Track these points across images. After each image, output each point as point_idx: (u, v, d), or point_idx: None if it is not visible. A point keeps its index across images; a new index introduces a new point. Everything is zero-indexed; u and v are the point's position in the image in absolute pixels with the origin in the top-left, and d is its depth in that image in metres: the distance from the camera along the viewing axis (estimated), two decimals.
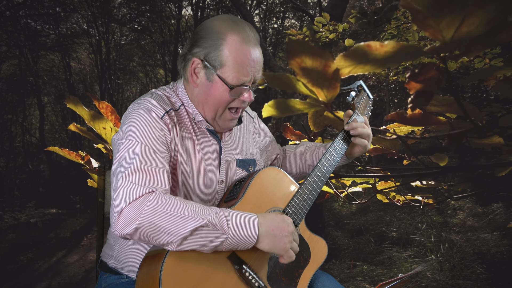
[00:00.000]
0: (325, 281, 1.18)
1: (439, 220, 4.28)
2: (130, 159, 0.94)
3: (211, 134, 1.13)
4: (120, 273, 1.14)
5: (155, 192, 0.90)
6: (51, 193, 11.79)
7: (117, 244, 1.15)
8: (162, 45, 12.16)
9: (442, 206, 4.73)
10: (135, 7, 10.00)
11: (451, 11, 0.92)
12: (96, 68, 11.94)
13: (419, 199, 1.76)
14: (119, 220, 0.87)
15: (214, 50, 1.04)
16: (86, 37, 10.86)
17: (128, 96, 15.34)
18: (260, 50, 1.08)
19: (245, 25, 1.07)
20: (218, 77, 1.04)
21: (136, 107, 1.05)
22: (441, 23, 0.94)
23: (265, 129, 1.38)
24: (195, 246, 0.89)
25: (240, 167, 1.19)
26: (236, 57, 1.03)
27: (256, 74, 1.07)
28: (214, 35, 1.04)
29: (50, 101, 13.27)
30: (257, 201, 1.05)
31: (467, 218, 4.27)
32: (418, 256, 3.37)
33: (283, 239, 0.95)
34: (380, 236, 4.16)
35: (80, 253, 6.87)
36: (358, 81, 1.27)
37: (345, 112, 1.25)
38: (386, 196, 1.72)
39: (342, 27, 2.67)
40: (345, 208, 6.18)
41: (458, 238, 3.61)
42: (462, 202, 4.66)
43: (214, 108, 1.08)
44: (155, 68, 14.54)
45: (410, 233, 3.98)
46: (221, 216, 0.91)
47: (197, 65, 1.06)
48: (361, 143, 1.19)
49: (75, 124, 1.60)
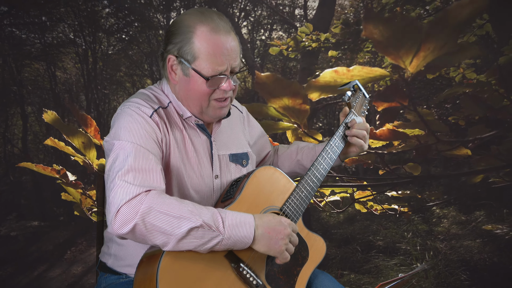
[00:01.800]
0: (324, 280, 1.18)
1: (424, 229, 4.34)
2: (123, 159, 0.94)
3: (200, 130, 1.13)
4: (119, 273, 1.13)
5: (151, 192, 0.90)
6: (33, 205, 11.42)
7: (113, 243, 1.14)
8: (149, 55, 12.15)
9: (427, 215, 4.81)
10: (123, 17, 9.98)
11: (408, 40, 1.01)
12: (82, 77, 11.79)
13: (395, 208, 1.81)
14: (116, 219, 0.87)
15: (185, 44, 1.04)
16: (72, 46, 10.74)
17: (115, 106, 15.15)
18: (233, 37, 1.06)
19: (213, 15, 1.06)
20: (194, 70, 1.03)
21: (124, 108, 1.05)
22: (400, 51, 1.03)
23: (255, 123, 1.37)
24: (191, 247, 0.89)
25: (233, 162, 1.18)
26: (208, 48, 1.02)
27: (233, 62, 1.06)
28: (184, 29, 1.05)
29: (34, 110, 12.96)
30: (254, 200, 1.05)
31: (451, 226, 4.35)
32: (404, 264, 3.41)
33: (278, 241, 0.95)
34: (367, 245, 4.19)
35: (63, 266, 6.65)
36: (354, 80, 1.28)
37: (341, 111, 1.27)
38: (364, 206, 1.76)
39: (325, 36, 2.77)
40: (332, 218, 6.22)
41: (442, 246, 3.67)
42: (446, 210, 4.74)
43: (197, 102, 1.07)
44: (143, 78, 14.46)
45: (396, 242, 4.03)
46: (217, 216, 0.91)
47: (173, 62, 1.06)
48: (357, 143, 1.20)
49: (52, 138, 1.59)
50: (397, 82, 1.41)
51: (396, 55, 0.95)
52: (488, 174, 3.27)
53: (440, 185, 5.88)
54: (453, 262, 3.29)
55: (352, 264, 3.76)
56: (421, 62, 1.00)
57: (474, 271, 3.12)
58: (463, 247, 3.55)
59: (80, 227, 3.76)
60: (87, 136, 1.49)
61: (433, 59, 0.99)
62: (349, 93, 1.24)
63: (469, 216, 4.49)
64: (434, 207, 4.64)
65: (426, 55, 0.98)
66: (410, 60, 0.98)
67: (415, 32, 0.94)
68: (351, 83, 1.28)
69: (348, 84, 1.28)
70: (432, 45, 0.94)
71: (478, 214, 4.41)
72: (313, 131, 1.40)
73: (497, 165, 2.75)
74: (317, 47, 2.98)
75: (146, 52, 12.29)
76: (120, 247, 1.14)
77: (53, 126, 1.50)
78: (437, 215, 4.94)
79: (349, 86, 1.27)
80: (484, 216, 4.32)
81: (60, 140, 1.73)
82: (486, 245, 3.52)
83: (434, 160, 5.83)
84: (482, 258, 3.30)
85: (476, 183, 2.03)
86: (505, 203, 3.96)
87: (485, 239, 3.66)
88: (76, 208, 1.34)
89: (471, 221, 4.33)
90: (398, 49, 0.92)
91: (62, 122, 1.47)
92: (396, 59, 0.96)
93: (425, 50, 0.95)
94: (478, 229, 4.03)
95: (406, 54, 0.95)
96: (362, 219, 5.57)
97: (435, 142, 1.30)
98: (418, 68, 1.04)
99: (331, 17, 4.41)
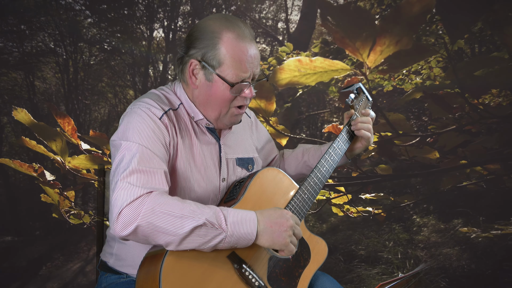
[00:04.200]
0: (326, 282, 1.18)
1: (405, 238, 4.41)
2: (128, 160, 0.94)
3: (210, 133, 1.13)
4: (120, 272, 1.12)
5: (153, 193, 0.90)
6: (7, 220, 10.97)
7: (116, 242, 1.13)
8: (132, 66, 12.06)
9: (407, 224, 4.90)
10: (105, 27, 9.90)
11: (363, 31, 1.06)
12: (62, 87, 11.56)
13: (369, 210, 1.85)
14: (118, 221, 0.87)
15: (211, 49, 1.05)
16: (52, 56, 10.55)
17: (96, 117, 14.89)
18: (256, 45, 1.09)
19: (239, 22, 1.08)
20: (218, 76, 1.04)
21: (134, 107, 1.05)
22: (356, 43, 1.08)
23: (263, 129, 1.39)
24: (194, 246, 0.89)
25: (240, 166, 1.19)
26: (234, 54, 1.04)
27: (255, 70, 1.08)
28: (209, 35, 1.05)
29: (10, 121, 12.58)
30: (257, 202, 1.05)
31: (431, 235, 4.44)
32: (386, 273, 3.44)
33: (282, 234, 0.95)
34: (350, 255, 4.22)
35: (37, 283, 6.37)
36: (357, 83, 1.30)
37: (346, 112, 1.28)
38: (341, 209, 1.80)
39: (305, 55, 2.87)
40: (316, 228, 6.24)
41: (423, 254, 3.74)
42: (426, 219, 4.85)
43: (217, 107, 1.08)
44: (125, 89, 14.30)
45: (378, 251, 4.07)
46: (219, 214, 0.91)
47: (195, 67, 1.07)
48: (365, 135, 1.21)
49: (24, 137, 1.55)
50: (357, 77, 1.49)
51: (353, 48, 1.01)
52: (456, 174, 3.41)
53: (420, 194, 6.02)
54: (433, 269, 3.34)
55: (335, 274, 3.76)
56: (379, 57, 1.07)
57: (453, 278, 3.18)
58: (442, 255, 3.62)
59: (58, 241, 3.58)
60: (60, 134, 1.47)
61: (390, 55, 1.06)
62: (352, 96, 1.26)
63: (448, 224, 4.60)
64: (415, 216, 4.74)
65: (382, 49, 1.05)
66: (367, 53, 1.05)
67: (370, 25, 1.00)
68: (354, 86, 1.31)
69: (351, 87, 1.31)
70: (387, 40, 1.01)
71: (456, 222, 4.52)
72: (281, 127, 1.44)
73: (462, 165, 2.90)
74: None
75: (129, 63, 12.21)
76: (123, 246, 1.13)
77: (24, 124, 1.47)
78: (418, 224, 5.03)
79: (352, 89, 1.30)
80: (461, 224, 4.44)
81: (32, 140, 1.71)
82: (464, 252, 3.61)
83: (407, 166, 6.03)
84: (461, 265, 3.37)
85: (449, 188, 2.14)
86: (480, 210, 4.08)
87: (463, 246, 3.75)
88: (54, 211, 1.32)
89: (449, 229, 4.44)
90: (355, 40, 0.98)
91: (34, 121, 1.44)
92: (354, 51, 1.03)
93: (381, 45, 1.03)
94: (456, 236, 4.13)
95: (362, 46, 1.03)
96: (344, 229, 5.61)
97: (395, 136, 1.37)
98: (376, 62, 1.11)
99: (312, 30, 4.53)
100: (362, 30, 1.03)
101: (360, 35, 1.03)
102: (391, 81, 2.66)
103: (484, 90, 2.89)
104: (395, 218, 4.30)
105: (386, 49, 1.01)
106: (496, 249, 3.42)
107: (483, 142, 3.33)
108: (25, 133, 10.82)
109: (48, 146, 1.53)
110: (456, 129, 3.03)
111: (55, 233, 9.00)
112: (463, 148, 3.27)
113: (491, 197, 4.03)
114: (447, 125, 3.06)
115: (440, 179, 3.78)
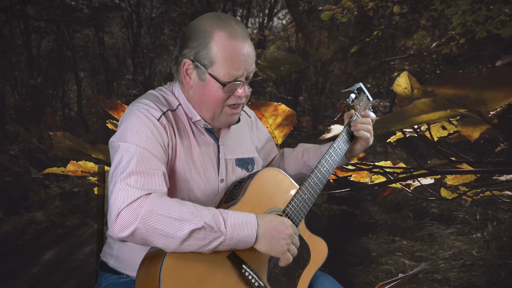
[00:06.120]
0: (325, 282, 1.20)
1: (484, 198, 4.06)
2: (126, 162, 0.95)
3: (208, 133, 1.13)
4: (120, 273, 1.16)
5: (151, 194, 0.90)
6: None
7: (116, 243, 1.16)
8: (192, 16, 12.10)
9: (488, 182, 4.49)
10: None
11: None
12: (128, 42, 12.13)
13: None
14: (116, 223, 0.88)
15: (202, 49, 1.04)
16: (118, 11, 10.96)
17: (160, 70, 15.63)
18: (250, 43, 1.07)
19: (231, 20, 1.07)
20: (210, 75, 1.03)
21: (133, 109, 1.05)
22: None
23: (263, 128, 1.38)
24: (193, 248, 0.89)
25: (239, 166, 1.20)
26: (225, 53, 1.03)
27: (249, 68, 1.06)
28: (201, 34, 1.05)
29: (86, 76, 13.76)
30: (257, 202, 1.05)
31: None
32: (462, 234, 3.24)
33: (280, 241, 0.94)
34: (420, 212, 4.04)
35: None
36: (358, 83, 1.31)
37: (346, 113, 1.29)
38: (455, 191, 1.66)
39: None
40: None
41: (506, 217, 3.42)
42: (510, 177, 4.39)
43: (211, 107, 1.08)
44: None
45: (452, 210, 3.82)
46: (218, 217, 0.91)
47: (188, 66, 1.06)
48: (364, 136, 1.20)
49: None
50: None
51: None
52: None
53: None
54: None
55: (403, 231, 3.66)
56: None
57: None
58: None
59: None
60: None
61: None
62: (353, 96, 1.28)
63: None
64: (497, 174, 4.30)
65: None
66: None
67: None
68: (355, 86, 1.31)
69: (352, 87, 1.31)
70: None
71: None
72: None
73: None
74: (374, 7, 2.62)
75: (189, 14, 12.24)
76: (123, 247, 1.16)
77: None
78: (500, 184, 4.59)
79: (353, 89, 1.31)
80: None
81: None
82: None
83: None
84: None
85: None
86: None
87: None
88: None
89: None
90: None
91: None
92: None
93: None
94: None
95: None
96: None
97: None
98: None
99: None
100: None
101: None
102: None
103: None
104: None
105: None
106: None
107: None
108: (105, 92, 11.69)
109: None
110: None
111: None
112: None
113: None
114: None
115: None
